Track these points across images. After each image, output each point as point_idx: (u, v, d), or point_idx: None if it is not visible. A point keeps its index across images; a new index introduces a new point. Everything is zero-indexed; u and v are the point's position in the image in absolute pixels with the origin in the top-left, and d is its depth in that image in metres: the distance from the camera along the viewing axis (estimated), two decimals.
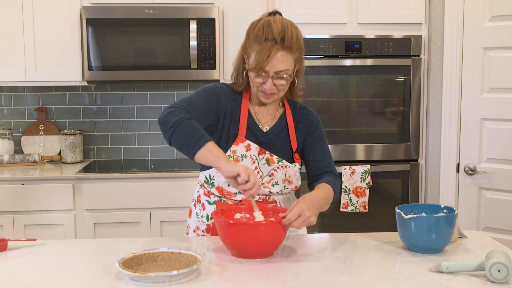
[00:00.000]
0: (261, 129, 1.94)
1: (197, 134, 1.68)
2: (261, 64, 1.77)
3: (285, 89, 1.88)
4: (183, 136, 1.68)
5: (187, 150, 1.69)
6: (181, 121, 1.69)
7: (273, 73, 1.80)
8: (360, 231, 2.03)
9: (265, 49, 1.76)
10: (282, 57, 1.78)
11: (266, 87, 1.82)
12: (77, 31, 3.33)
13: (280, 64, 1.78)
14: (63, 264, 1.60)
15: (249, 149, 1.89)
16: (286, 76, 1.82)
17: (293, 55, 1.82)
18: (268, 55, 1.76)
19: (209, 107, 1.85)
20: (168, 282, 1.42)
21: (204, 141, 1.67)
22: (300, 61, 1.88)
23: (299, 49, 1.85)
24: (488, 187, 3.08)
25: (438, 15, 3.27)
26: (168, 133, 1.70)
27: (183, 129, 1.68)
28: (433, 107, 3.32)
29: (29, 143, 3.69)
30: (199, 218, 1.98)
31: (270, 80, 1.81)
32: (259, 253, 1.64)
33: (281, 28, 1.78)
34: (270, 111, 1.97)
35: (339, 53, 3.27)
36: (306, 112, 2.01)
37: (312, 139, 1.98)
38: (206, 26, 3.29)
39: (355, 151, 3.33)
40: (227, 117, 1.90)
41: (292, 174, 1.93)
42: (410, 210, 1.78)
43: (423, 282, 1.45)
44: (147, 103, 3.76)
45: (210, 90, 1.89)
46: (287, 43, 1.78)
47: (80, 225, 3.17)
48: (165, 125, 1.71)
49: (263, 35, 1.78)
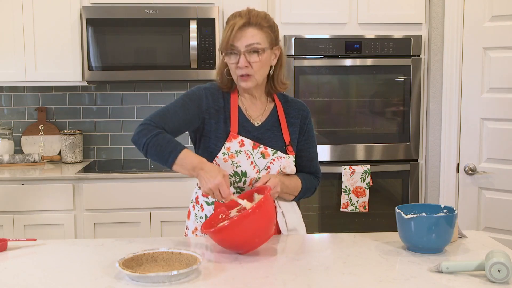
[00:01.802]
0: (253, 124, 1.95)
1: (167, 150, 1.78)
2: (227, 38, 1.83)
3: (261, 70, 1.88)
4: (155, 155, 1.80)
5: (164, 165, 1.81)
6: (150, 140, 1.79)
7: (244, 48, 1.83)
8: (360, 231, 2.04)
9: (230, 25, 1.84)
10: (251, 32, 1.83)
11: (240, 65, 1.84)
12: (77, 31, 3.33)
13: (249, 39, 1.83)
14: (63, 264, 1.60)
15: (242, 144, 1.89)
16: (258, 50, 1.84)
17: (264, 32, 1.85)
18: (233, 29, 1.82)
19: (186, 115, 1.88)
20: (168, 282, 1.42)
21: (173, 157, 1.77)
22: (277, 46, 1.92)
23: (270, 28, 1.88)
24: (488, 187, 3.08)
25: (438, 15, 3.27)
26: (143, 153, 1.83)
27: (153, 149, 1.79)
28: (433, 107, 3.32)
29: (29, 143, 3.69)
30: (197, 219, 1.98)
31: (242, 56, 1.84)
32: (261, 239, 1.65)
33: (247, 10, 1.87)
34: (260, 106, 1.98)
35: (339, 53, 3.27)
36: (297, 106, 2.02)
37: (303, 139, 2.01)
38: (206, 26, 3.29)
39: (355, 151, 3.33)
40: (213, 117, 1.91)
41: (287, 165, 1.94)
42: (410, 210, 1.78)
43: (423, 282, 1.45)
44: (147, 103, 3.76)
45: (189, 96, 1.92)
46: (253, 19, 1.84)
47: (80, 225, 3.16)
48: (138, 146, 1.83)
49: (232, 18, 1.86)
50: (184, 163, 1.76)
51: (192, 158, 1.78)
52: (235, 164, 1.88)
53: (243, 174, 1.89)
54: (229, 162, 1.88)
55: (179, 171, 1.79)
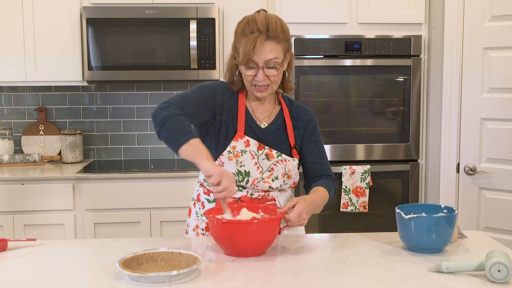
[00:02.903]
0: (259, 126, 1.95)
1: (184, 129, 1.72)
2: (249, 55, 1.81)
3: (277, 81, 1.90)
4: (171, 130, 1.72)
5: (172, 144, 1.73)
6: (171, 116, 1.73)
7: (263, 63, 1.83)
8: (360, 231, 2.04)
9: (251, 40, 1.81)
10: (269, 46, 1.82)
11: (258, 79, 1.84)
12: (77, 31, 3.33)
13: (268, 54, 1.82)
14: (63, 264, 1.60)
15: (248, 144, 1.90)
16: (276, 65, 1.85)
17: (281, 45, 1.85)
18: (254, 45, 1.80)
19: (204, 103, 1.88)
20: (168, 282, 1.42)
21: (189, 137, 1.70)
22: (289, 52, 1.92)
23: (286, 39, 1.88)
24: (488, 187, 3.08)
25: (438, 15, 3.27)
26: (157, 126, 1.75)
27: (172, 124, 1.72)
28: (433, 107, 3.32)
29: (29, 143, 3.69)
30: (198, 217, 1.99)
31: (261, 71, 1.84)
32: (250, 251, 1.65)
33: (265, 20, 1.84)
34: (267, 108, 1.99)
35: (339, 53, 3.27)
36: (303, 110, 2.03)
37: (311, 140, 2.01)
38: (206, 26, 3.29)
39: (355, 151, 3.33)
40: (224, 114, 1.92)
41: (292, 168, 1.94)
42: (410, 210, 1.78)
43: (423, 282, 1.45)
44: (147, 103, 3.76)
45: (207, 87, 1.92)
46: (271, 33, 1.82)
47: (80, 225, 3.16)
48: (156, 119, 1.75)
49: (248, 28, 1.84)
50: (198, 146, 1.70)
51: (205, 148, 1.73)
52: (239, 163, 1.89)
53: (246, 174, 1.89)
54: (233, 160, 1.88)
55: (187, 152, 1.70)
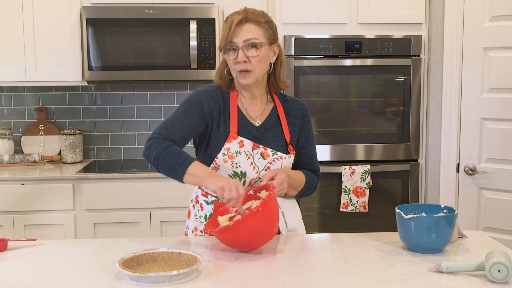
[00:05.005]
0: (253, 124, 1.95)
1: (178, 161, 1.77)
2: (227, 37, 1.85)
3: (260, 65, 1.88)
4: (166, 167, 1.80)
5: (174, 179, 1.81)
6: (160, 153, 1.79)
7: (242, 43, 1.85)
8: (360, 231, 2.04)
9: (229, 22, 1.86)
10: (248, 27, 1.86)
11: (238, 60, 1.85)
12: (77, 31, 3.33)
13: (247, 34, 1.85)
14: (63, 264, 1.60)
15: (242, 145, 1.90)
16: (256, 45, 1.85)
17: (261, 28, 1.87)
18: (231, 25, 1.84)
19: (191, 120, 1.88)
20: (168, 282, 1.42)
21: (184, 168, 1.76)
22: (275, 43, 1.93)
23: (268, 25, 1.90)
24: (488, 187, 3.08)
25: (438, 15, 3.27)
26: (154, 167, 1.83)
27: (164, 161, 1.79)
28: (433, 107, 3.32)
29: (29, 143, 3.69)
30: (197, 219, 1.99)
31: (240, 51, 1.85)
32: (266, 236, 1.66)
33: (244, 8, 1.90)
34: (260, 106, 1.99)
35: (339, 53, 3.27)
36: (296, 105, 2.03)
37: (303, 137, 2.02)
38: (206, 26, 3.29)
39: (355, 151, 3.33)
40: (215, 119, 1.92)
41: (288, 165, 1.95)
42: (410, 210, 1.78)
43: (423, 282, 1.45)
44: (147, 103, 3.75)
45: (190, 102, 1.93)
46: (250, 15, 1.87)
47: (80, 225, 3.17)
48: (149, 160, 1.83)
49: (229, 18, 1.90)
50: (196, 172, 1.76)
51: (204, 167, 1.79)
52: (234, 165, 1.88)
53: (242, 175, 1.89)
54: (228, 162, 1.88)
55: (190, 181, 1.78)
